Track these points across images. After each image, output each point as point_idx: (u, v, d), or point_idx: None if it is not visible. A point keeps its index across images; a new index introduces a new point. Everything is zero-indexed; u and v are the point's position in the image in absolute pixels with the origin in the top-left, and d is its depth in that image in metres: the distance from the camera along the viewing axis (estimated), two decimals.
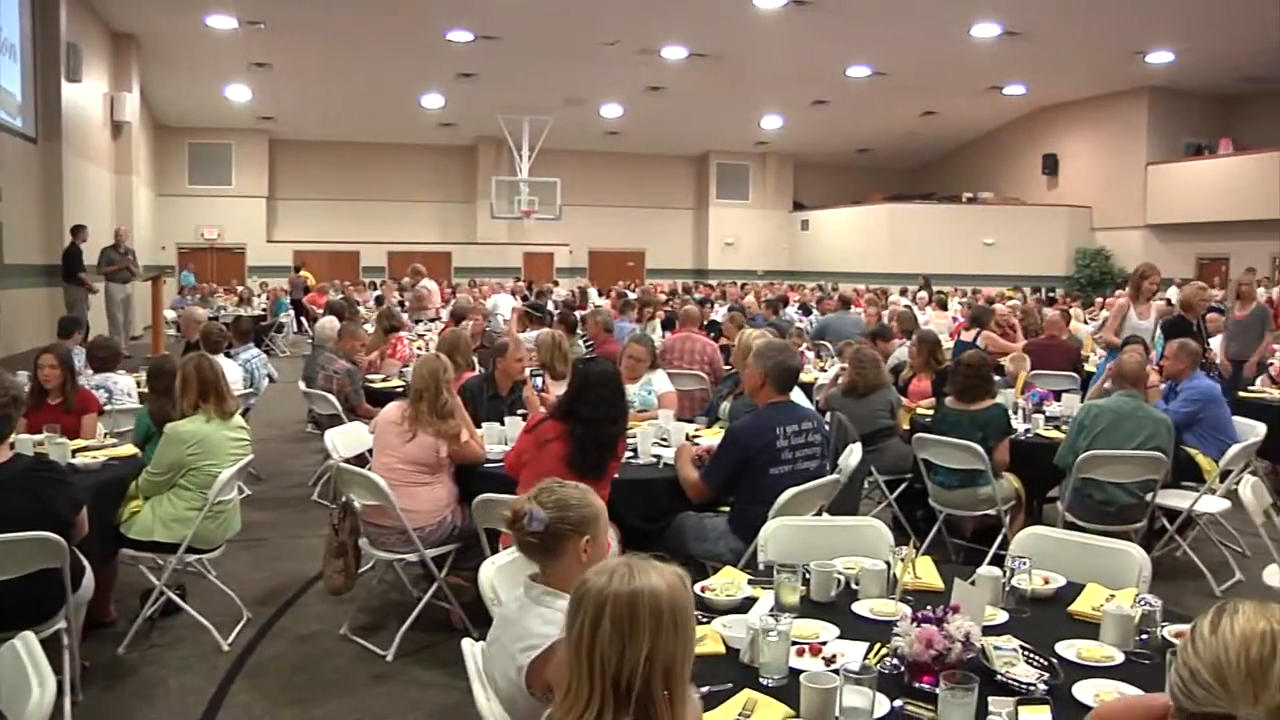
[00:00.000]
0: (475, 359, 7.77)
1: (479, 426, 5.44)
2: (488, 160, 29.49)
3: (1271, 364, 9.50)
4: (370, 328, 9.67)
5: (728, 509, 4.72)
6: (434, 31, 18.71)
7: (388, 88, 23.43)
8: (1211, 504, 5.93)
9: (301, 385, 7.74)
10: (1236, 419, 6.69)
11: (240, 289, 22.92)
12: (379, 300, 17.26)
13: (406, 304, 15.84)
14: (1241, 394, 8.29)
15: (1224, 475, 6.02)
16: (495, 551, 4.05)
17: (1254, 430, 6.53)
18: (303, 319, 19.98)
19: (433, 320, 13.54)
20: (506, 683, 2.56)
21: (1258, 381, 9.14)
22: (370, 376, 8.31)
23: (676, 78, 22.48)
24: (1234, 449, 5.99)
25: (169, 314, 14.73)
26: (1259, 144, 23.13)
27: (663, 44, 19.95)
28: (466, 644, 2.70)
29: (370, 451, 5.27)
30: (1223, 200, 22.89)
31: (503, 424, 5.58)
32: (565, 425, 4.42)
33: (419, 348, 9.97)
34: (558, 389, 5.75)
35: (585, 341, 9.16)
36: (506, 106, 24.84)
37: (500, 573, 3.14)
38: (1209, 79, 23.26)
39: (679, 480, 4.79)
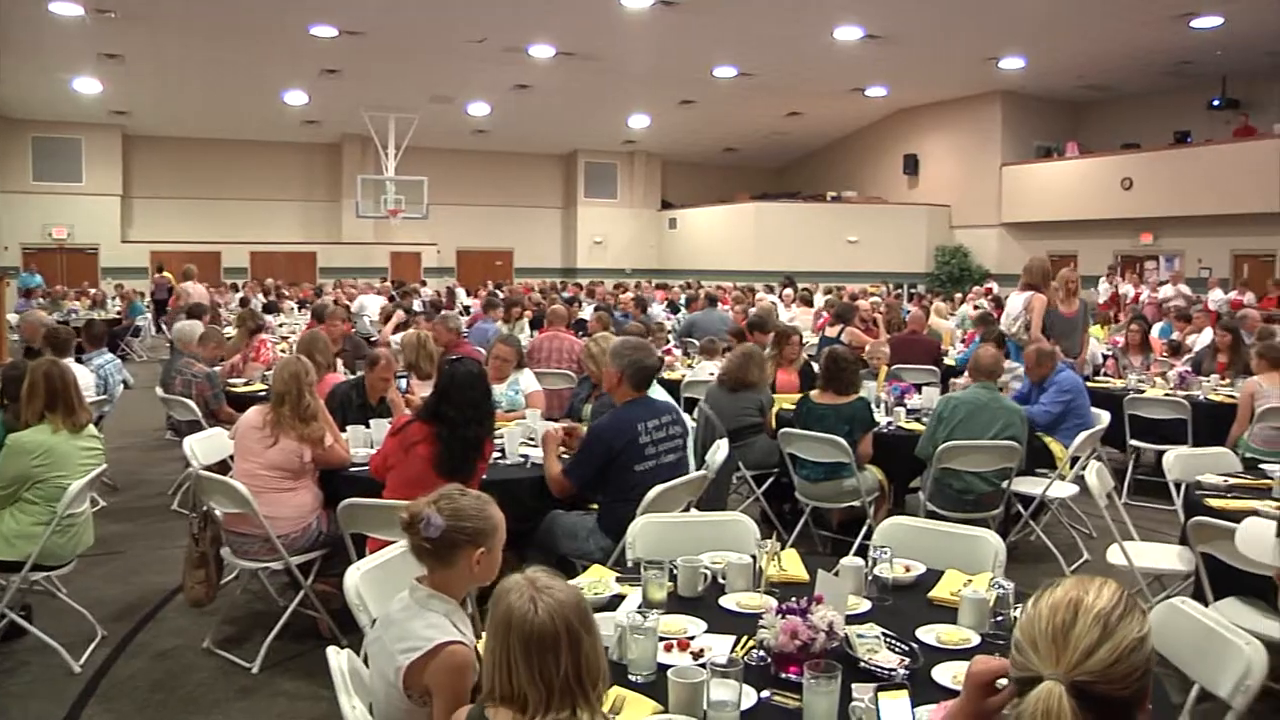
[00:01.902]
0: (339, 362, 7.62)
1: (344, 430, 5.34)
2: (353, 158, 28.93)
3: (1109, 357, 9.94)
4: (232, 330, 9.40)
5: (596, 507, 4.73)
6: (296, 26, 18.22)
7: (248, 83, 22.74)
8: (1062, 489, 6.19)
9: (159, 391, 7.47)
10: None
11: (94, 291, 21.96)
12: (243, 302, 16.77)
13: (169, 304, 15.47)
14: (1089, 384, 8.65)
15: (1073, 461, 6.28)
16: (361, 556, 3.97)
17: (1099, 418, 6.85)
18: (163, 322, 19.28)
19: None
20: (384, 683, 2.53)
21: (1101, 372, 9.57)
22: (232, 380, 8.08)
23: (544, 76, 22.40)
24: (1081, 436, 6.25)
25: (11, 318, 14.01)
26: (1102, 147, 24.29)
27: (530, 42, 19.84)
28: (332, 652, 2.64)
29: (232, 458, 5.12)
30: (1071, 200, 23.94)
31: (367, 426, 5.49)
32: (431, 427, 4.37)
33: (282, 350, 9.72)
34: (424, 389, 5.68)
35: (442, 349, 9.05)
36: (372, 104, 24.40)
37: (366, 578, 3.09)
38: (1057, 85, 24.30)
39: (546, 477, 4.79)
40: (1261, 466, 5.37)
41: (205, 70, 21.60)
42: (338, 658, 2.61)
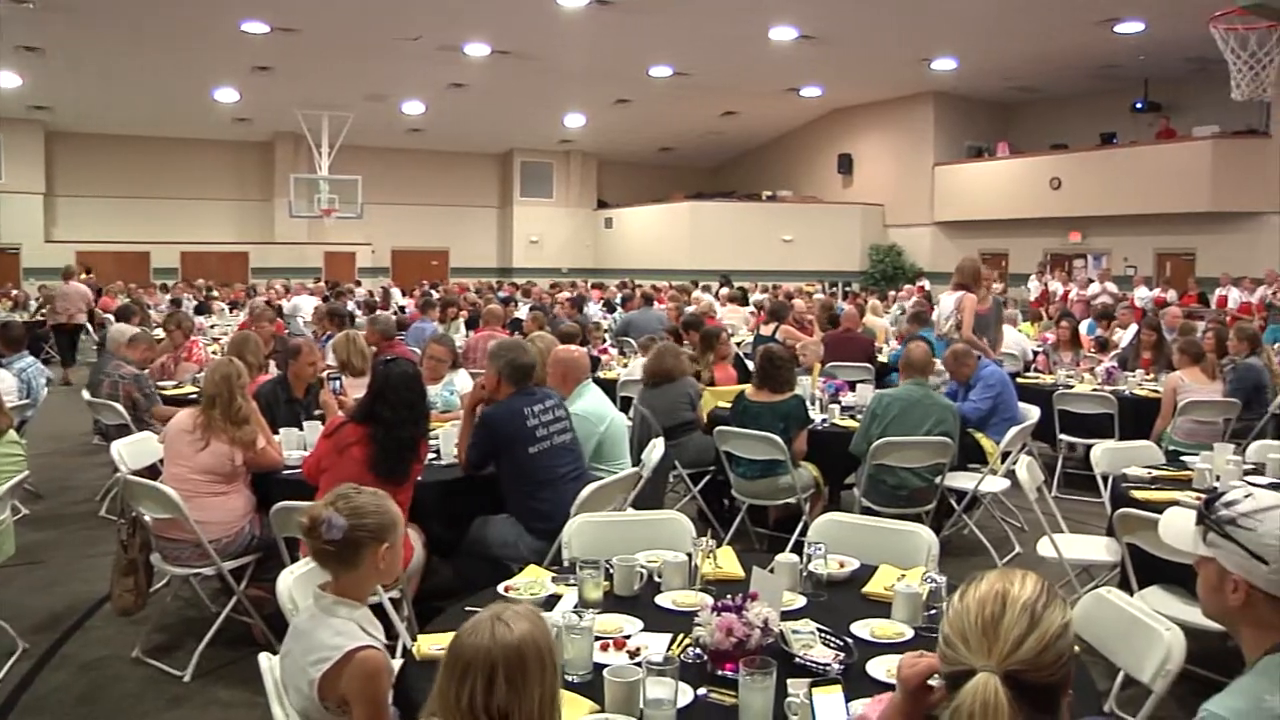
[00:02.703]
0: (272, 363, 7.52)
1: (275, 432, 5.27)
2: (286, 157, 28.53)
3: (1040, 353, 10.12)
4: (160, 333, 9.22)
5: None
6: (227, 22, 17.88)
7: (177, 79, 22.24)
8: (994, 484, 6.30)
9: (85, 394, 7.30)
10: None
11: (15, 293, 21.38)
12: (175, 303, 16.46)
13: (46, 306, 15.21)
14: (1019, 380, 8.80)
15: (1004, 456, 6.38)
16: (295, 560, 3.92)
17: (1029, 414, 6.97)
18: (89, 324, 18.83)
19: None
20: (300, 697, 2.50)
21: (1031, 368, 9.74)
22: (163, 383, 7.93)
23: (479, 75, 22.26)
24: (1011, 431, 6.37)
25: None
26: (1032, 148, 24.71)
27: (465, 40, 19.70)
28: (264, 659, 2.61)
29: (161, 462, 5.02)
30: (1002, 199, 24.35)
31: (300, 429, 5.42)
32: (365, 428, 4.32)
33: (214, 351, 9.56)
34: (358, 389, 5.62)
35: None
36: (305, 102, 24.06)
37: (300, 582, 3.06)
38: (987, 86, 24.71)
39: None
40: (1183, 459, 5.51)
41: (131, 65, 21.13)
42: (270, 664, 2.58)
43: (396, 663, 2.74)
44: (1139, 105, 23.07)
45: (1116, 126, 23.40)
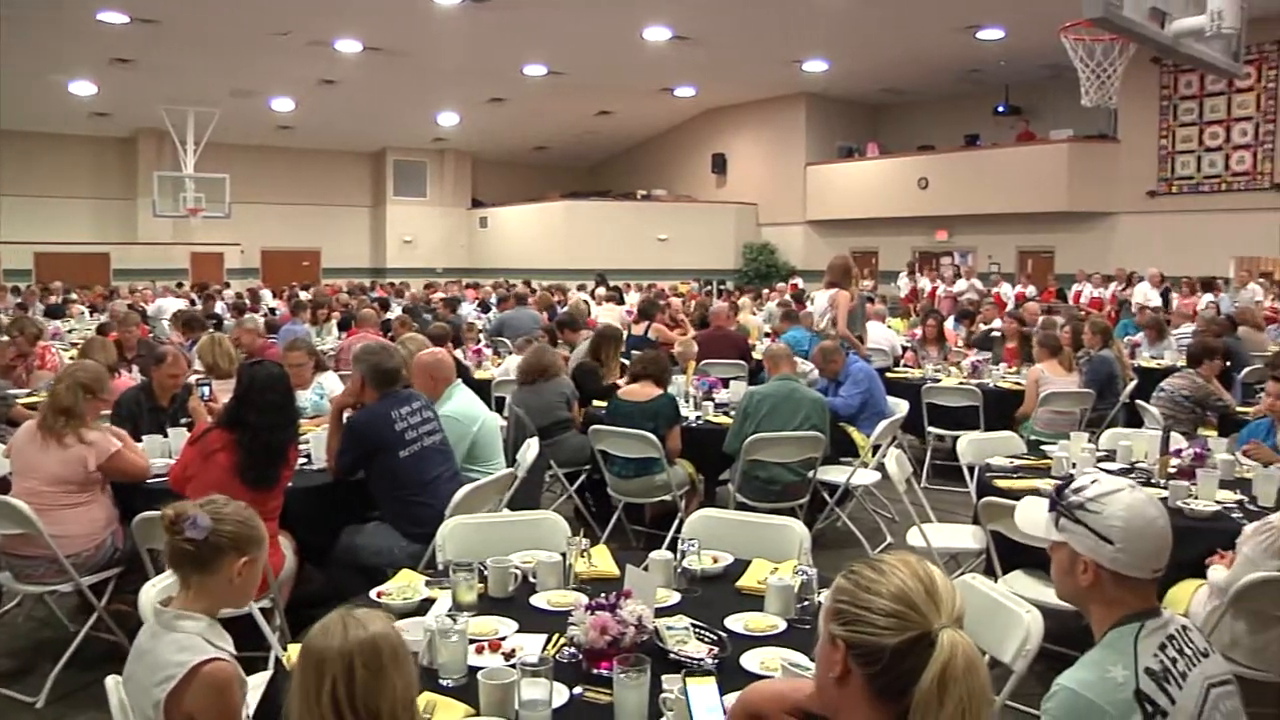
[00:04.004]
0: (135, 368, 7.26)
1: (139, 440, 5.08)
2: (149, 154, 27.49)
3: (908, 349, 10.39)
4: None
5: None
6: (82, 11, 17.07)
7: (28, 70, 21.05)
8: (865, 476, 6.43)
9: None
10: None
11: None
12: (21, 307, 15.73)
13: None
14: (889, 374, 9.03)
15: (875, 449, 6.53)
16: (160, 572, 3.79)
17: (898, 407, 7.16)
18: None
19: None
20: None
21: (900, 363, 10.00)
22: (14, 391, 7.57)
23: (350, 72, 21.84)
24: (882, 424, 6.53)
25: None
26: (900, 149, 25.37)
27: (336, 37, 19.30)
28: (110, 681, 2.49)
29: (12, 475, 4.77)
30: (872, 199, 24.92)
31: (165, 436, 5.24)
32: (232, 434, 4.20)
33: (71, 357, 9.17)
34: (228, 393, 5.47)
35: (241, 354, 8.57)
36: (168, 97, 23.22)
37: (163, 594, 2.95)
38: (857, 88, 25.27)
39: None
40: (1043, 448, 5.72)
41: None
42: (116, 685, 2.47)
43: (266, 674, 2.66)
44: (1000, 109, 23.88)
45: (980, 129, 24.19)
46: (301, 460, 4.85)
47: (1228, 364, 7.89)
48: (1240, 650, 3.57)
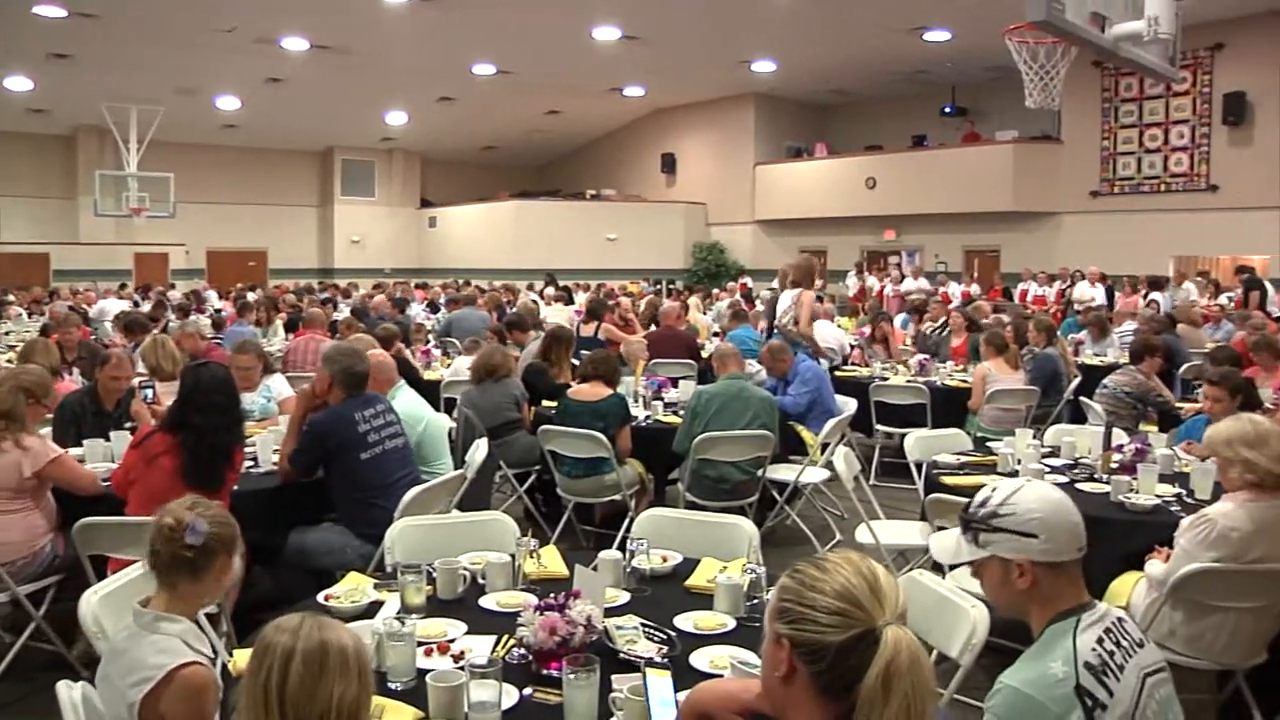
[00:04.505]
0: (76, 370, 7.15)
1: (80, 444, 4.99)
2: (90, 152, 26.99)
3: (855, 347, 10.48)
4: None
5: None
6: (17, 3, 16.66)
7: None
8: (814, 475, 6.47)
9: None
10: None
11: None
12: None
13: None
14: (837, 373, 9.10)
15: (824, 447, 6.57)
16: (102, 579, 3.73)
17: (846, 405, 7.21)
18: None
19: None
20: None
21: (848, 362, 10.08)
22: None
23: (298, 70, 21.61)
24: (830, 423, 6.57)
25: None
26: (848, 149, 25.56)
27: (282, 34, 19.09)
28: (62, 687, 2.44)
29: None
30: (820, 198, 25.08)
31: (108, 440, 5.15)
32: (176, 436, 4.14)
33: (9, 360, 9.00)
34: (172, 395, 5.39)
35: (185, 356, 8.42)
36: (110, 94, 22.78)
37: (105, 602, 2.92)
38: (806, 89, 25.42)
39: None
40: (989, 444, 5.79)
41: None
42: (70, 692, 2.43)
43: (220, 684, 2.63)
44: (947, 109, 24.14)
45: (927, 129, 24.43)
46: (247, 463, 4.81)
47: (1168, 361, 8.05)
48: (1177, 640, 3.65)
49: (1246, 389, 5.56)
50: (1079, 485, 4.82)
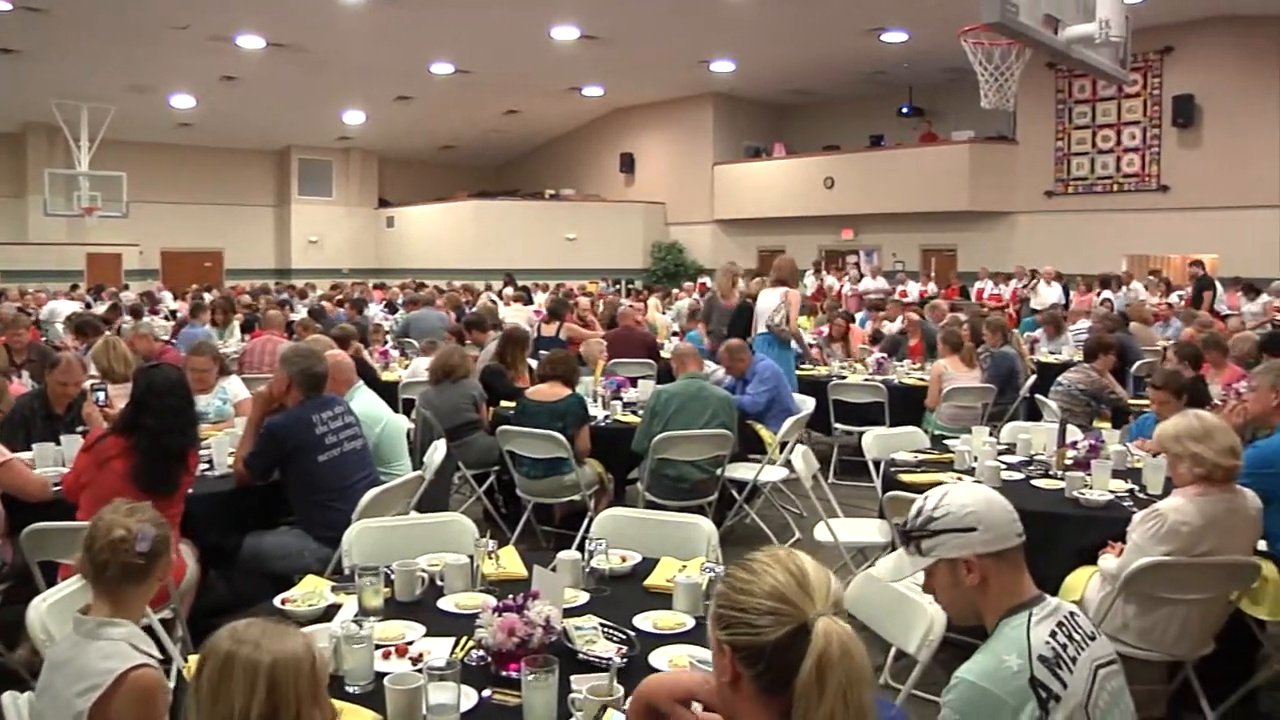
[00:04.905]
0: (25, 373, 7.04)
1: (29, 448, 4.91)
2: (39, 150, 26.50)
3: (813, 346, 10.54)
4: None
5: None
6: None
7: None
8: (773, 473, 6.50)
9: None
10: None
11: None
12: None
13: None
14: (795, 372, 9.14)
15: (783, 446, 6.60)
16: (52, 585, 3.67)
17: (804, 404, 7.25)
18: None
19: None
20: None
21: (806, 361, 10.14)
22: None
23: (253, 68, 21.37)
24: (788, 422, 6.61)
25: None
26: (806, 149, 25.68)
27: (238, 31, 18.85)
28: (7, 699, 2.40)
29: None
30: (778, 198, 25.18)
31: (58, 444, 5.07)
32: (128, 439, 4.08)
33: None
34: (125, 398, 5.33)
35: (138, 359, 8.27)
36: (60, 90, 22.40)
37: (54, 610, 2.87)
38: (764, 89, 25.50)
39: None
40: (946, 442, 5.85)
41: None
42: (16, 703, 2.39)
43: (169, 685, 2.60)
44: (905, 110, 24.31)
45: (884, 129, 24.59)
46: (203, 466, 4.75)
47: (1121, 359, 8.16)
48: (1130, 632, 3.71)
49: (1191, 388, 5.66)
50: (1034, 482, 4.88)
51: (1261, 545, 3.89)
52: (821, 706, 1.61)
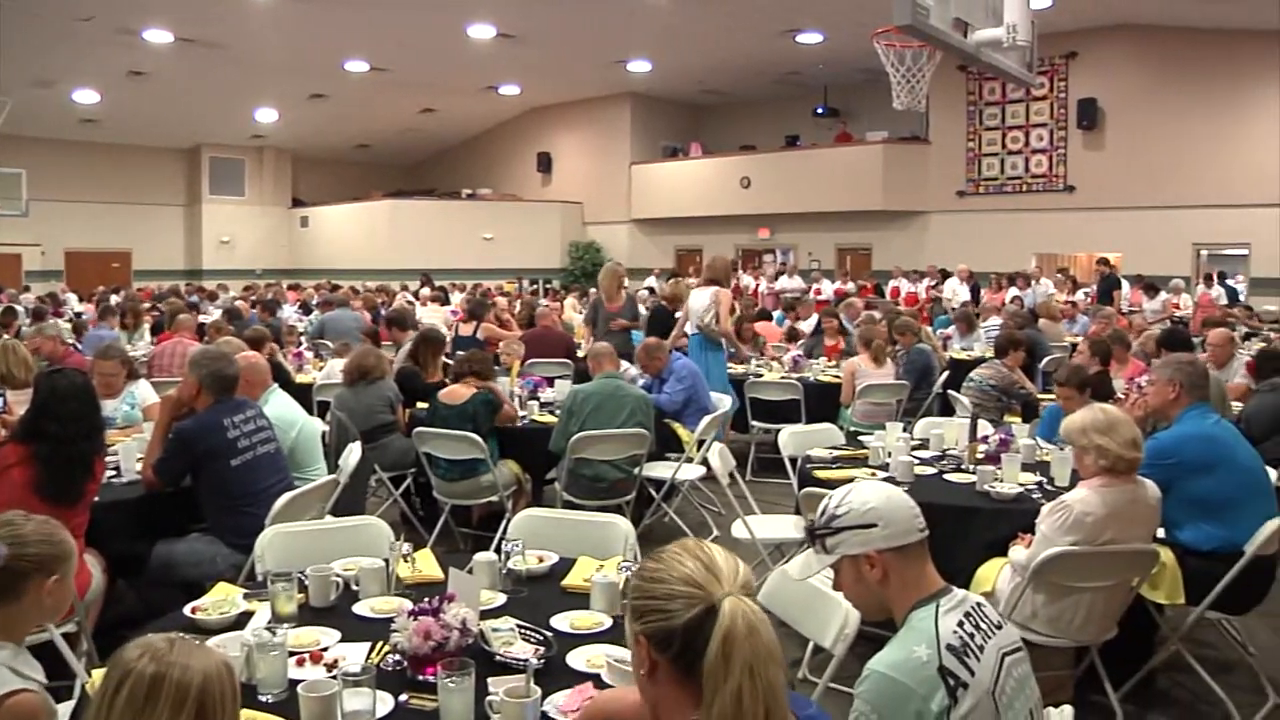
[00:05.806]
0: None
1: None
2: None
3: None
4: None
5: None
6: None
7: None
8: (690, 472, 6.52)
9: None
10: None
11: None
12: None
13: None
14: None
15: (700, 444, 6.64)
16: None
17: (721, 402, 7.31)
18: None
19: None
20: None
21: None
22: None
23: (161, 63, 20.87)
24: (705, 420, 6.65)
25: None
26: (722, 149, 25.87)
27: (144, 25, 18.39)
28: None
29: None
30: (695, 197, 25.32)
31: None
32: (29, 447, 3.94)
33: None
34: (25, 404, 5.17)
35: (41, 363, 7.95)
36: None
37: None
38: (681, 89, 25.62)
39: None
40: (860, 438, 5.93)
41: None
42: None
43: (70, 704, 2.53)
44: (820, 110, 24.59)
45: (800, 130, 24.88)
46: (110, 472, 4.63)
47: (1030, 355, 8.36)
48: (1039, 621, 3.80)
49: (1095, 382, 5.81)
50: (947, 476, 4.97)
51: (1160, 533, 4.03)
52: (728, 683, 1.62)
